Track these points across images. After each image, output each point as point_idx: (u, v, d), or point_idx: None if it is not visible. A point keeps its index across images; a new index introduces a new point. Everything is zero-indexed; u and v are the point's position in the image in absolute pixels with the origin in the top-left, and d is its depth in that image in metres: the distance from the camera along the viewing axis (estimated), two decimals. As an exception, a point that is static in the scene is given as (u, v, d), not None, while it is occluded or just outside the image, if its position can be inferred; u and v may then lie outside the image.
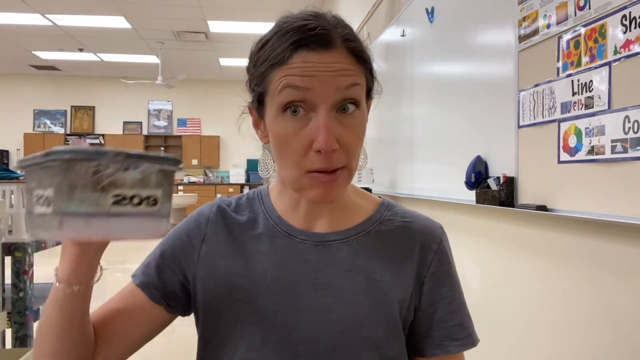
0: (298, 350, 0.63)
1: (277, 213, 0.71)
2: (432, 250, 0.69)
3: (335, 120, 0.59)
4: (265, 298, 0.65)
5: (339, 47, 0.60)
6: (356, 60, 0.61)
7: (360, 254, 0.67)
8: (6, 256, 1.64)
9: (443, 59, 2.17)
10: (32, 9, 6.33)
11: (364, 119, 0.64)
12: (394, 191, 2.82)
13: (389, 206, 0.73)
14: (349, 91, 0.59)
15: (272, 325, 0.64)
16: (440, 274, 0.69)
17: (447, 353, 0.68)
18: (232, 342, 0.66)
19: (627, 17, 1.05)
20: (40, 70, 10.10)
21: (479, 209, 1.83)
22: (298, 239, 0.68)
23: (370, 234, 0.69)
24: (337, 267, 0.66)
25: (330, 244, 0.68)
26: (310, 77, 0.58)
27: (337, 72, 0.58)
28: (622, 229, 1.13)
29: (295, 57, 0.58)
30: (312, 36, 0.58)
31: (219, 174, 11.11)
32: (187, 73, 8.96)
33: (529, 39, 1.43)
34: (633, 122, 1.03)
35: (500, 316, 1.69)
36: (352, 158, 0.61)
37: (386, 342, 0.66)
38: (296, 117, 0.59)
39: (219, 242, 0.70)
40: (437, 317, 0.68)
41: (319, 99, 0.58)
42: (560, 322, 1.35)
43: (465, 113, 1.91)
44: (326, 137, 0.57)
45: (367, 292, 0.66)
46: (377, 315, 0.65)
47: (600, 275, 1.20)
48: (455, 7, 2.02)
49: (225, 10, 6.43)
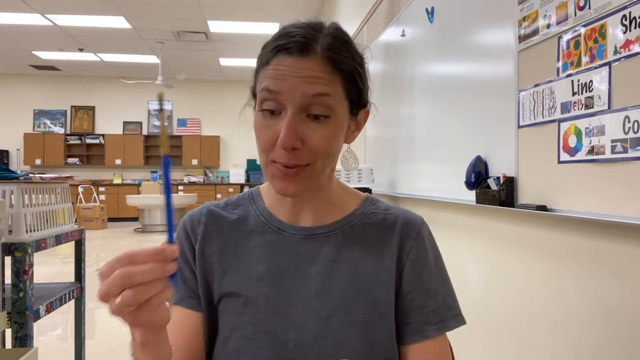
0: (288, 337, 0.67)
1: (267, 210, 0.75)
2: (412, 238, 0.73)
3: (303, 123, 0.63)
4: (257, 289, 0.69)
5: (316, 55, 0.63)
6: (331, 70, 0.64)
7: (345, 245, 0.72)
8: (6, 256, 1.63)
9: (443, 59, 2.17)
10: (32, 9, 6.33)
11: (339, 126, 0.66)
12: (394, 191, 2.82)
13: (372, 201, 0.78)
14: (316, 99, 0.62)
15: (263, 314, 0.68)
16: (418, 262, 0.72)
17: (425, 338, 0.70)
18: (225, 334, 0.70)
19: (627, 17, 1.05)
20: (40, 70, 10.10)
21: (479, 209, 1.83)
22: (288, 233, 0.72)
23: (354, 226, 0.74)
24: (324, 258, 0.70)
25: (318, 237, 0.72)
26: (281, 81, 0.62)
27: (306, 78, 0.62)
28: (622, 229, 1.13)
29: (275, 59, 0.64)
30: (292, 42, 0.63)
31: (219, 174, 11.11)
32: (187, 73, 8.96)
33: (529, 39, 1.43)
34: (633, 122, 1.03)
35: (500, 316, 1.69)
36: (319, 158, 0.65)
37: (371, 327, 0.69)
38: (271, 115, 0.64)
39: (211, 240, 0.74)
40: (416, 303, 0.71)
41: (287, 101, 0.62)
42: (561, 321, 1.35)
43: (465, 113, 1.91)
44: (286, 136, 0.61)
45: (352, 280, 0.70)
46: (362, 302, 0.69)
47: (600, 275, 1.20)
48: (455, 7, 2.02)
49: (225, 10, 6.43)
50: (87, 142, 10.62)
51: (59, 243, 1.94)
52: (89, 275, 2.25)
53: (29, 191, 1.79)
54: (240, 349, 0.67)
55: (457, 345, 0.80)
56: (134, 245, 7.15)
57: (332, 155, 0.67)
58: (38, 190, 1.86)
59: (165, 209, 0.51)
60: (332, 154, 0.67)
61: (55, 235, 1.92)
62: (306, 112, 0.63)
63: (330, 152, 0.66)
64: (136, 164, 10.76)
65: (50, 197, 1.97)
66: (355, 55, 0.68)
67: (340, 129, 0.67)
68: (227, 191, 10.50)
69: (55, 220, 1.98)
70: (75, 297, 2.10)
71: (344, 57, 0.65)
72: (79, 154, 10.61)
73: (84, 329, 2.19)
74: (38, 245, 1.76)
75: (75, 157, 10.58)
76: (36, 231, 1.80)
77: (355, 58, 0.67)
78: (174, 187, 10.45)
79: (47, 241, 1.84)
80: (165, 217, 0.51)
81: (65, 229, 2.04)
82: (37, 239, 1.77)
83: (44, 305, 1.78)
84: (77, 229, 2.15)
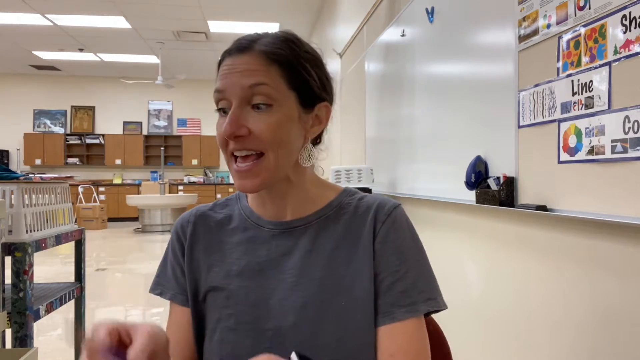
0: (267, 327, 0.70)
1: (250, 208, 0.79)
2: (381, 221, 0.74)
3: (247, 114, 0.67)
4: (238, 282, 0.73)
5: (253, 51, 0.69)
6: (268, 62, 0.68)
7: (320, 235, 0.74)
8: (6, 256, 1.63)
9: (443, 59, 2.17)
10: (32, 9, 6.33)
11: (284, 114, 0.69)
12: (394, 191, 2.82)
13: (350, 192, 0.80)
14: (254, 89, 0.67)
15: (243, 306, 0.72)
16: (388, 243, 0.72)
17: (393, 320, 0.70)
18: (211, 327, 0.74)
19: (627, 17, 1.05)
20: (40, 70, 10.10)
21: (479, 209, 1.83)
22: (267, 228, 0.76)
23: (330, 217, 0.76)
24: (300, 249, 0.73)
25: (295, 229, 0.75)
26: (224, 80, 0.68)
27: (242, 72, 0.67)
28: (622, 229, 1.13)
29: (222, 64, 0.70)
30: (234, 45, 0.70)
31: (219, 174, 11.11)
32: (187, 73, 8.96)
33: (529, 39, 1.43)
34: (633, 122, 1.03)
35: (500, 315, 1.69)
36: (268, 147, 0.68)
37: (347, 314, 0.70)
38: (224, 115, 0.69)
39: (199, 239, 0.79)
40: (384, 285, 0.71)
41: (231, 96, 0.68)
42: (560, 321, 1.35)
43: (465, 113, 1.91)
44: (227, 124, 0.66)
45: (328, 269, 0.72)
46: (338, 289, 0.71)
47: (600, 275, 1.20)
48: (455, 7, 2.02)
49: (225, 10, 6.43)
50: (87, 142, 10.62)
51: (59, 243, 1.94)
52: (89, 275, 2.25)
53: (29, 191, 1.79)
54: (225, 340, 0.71)
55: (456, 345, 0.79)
56: (134, 245, 7.15)
57: (283, 145, 0.69)
58: (38, 190, 1.86)
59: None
60: (283, 143, 0.69)
61: (55, 235, 1.92)
62: (250, 104, 0.68)
63: (279, 141, 0.68)
64: (136, 164, 10.76)
65: (50, 197, 1.97)
66: (299, 50, 0.71)
67: (288, 120, 0.69)
68: (227, 191, 10.49)
69: (55, 220, 1.98)
70: (75, 297, 2.10)
71: (280, 49, 0.69)
72: (79, 154, 10.61)
73: (84, 329, 2.19)
74: (38, 245, 1.76)
75: (75, 157, 10.58)
76: (36, 231, 1.80)
77: (297, 52, 0.71)
78: (175, 187, 10.46)
79: (47, 241, 1.84)
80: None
81: (65, 229, 2.04)
82: (37, 239, 1.77)
83: (44, 305, 1.78)
84: (77, 229, 2.15)
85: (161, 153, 9.37)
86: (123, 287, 4.56)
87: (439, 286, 0.74)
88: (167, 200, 8.75)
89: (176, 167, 10.96)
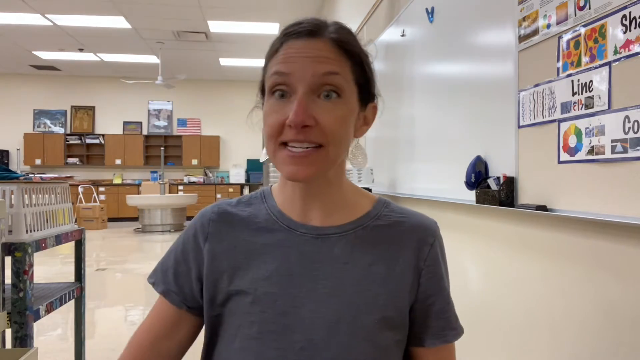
0: (295, 338, 0.65)
1: (278, 208, 0.74)
2: (429, 243, 0.72)
3: (314, 103, 0.63)
4: (265, 288, 0.68)
5: (324, 38, 0.65)
6: (340, 52, 0.65)
7: (357, 247, 0.70)
8: (6, 256, 1.63)
9: (443, 59, 2.17)
10: (32, 9, 6.33)
11: (350, 109, 0.67)
12: (394, 191, 2.82)
13: (385, 203, 0.77)
14: (326, 78, 0.63)
15: (270, 314, 0.67)
16: (437, 267, 0.72)
17: (445, 342, 0.72)
18: (231, 332, 0.69)
19: (627, 17, 1.05)
20: (40, 70, 10.10)
21: (479, 209, 1.83)
22: (298, 232, 0.71)
23: (367, 228, 0.72)
24: (334, 260, 0.69)
25: (329, 237, 0.70)
26: (291, 63, 0.63)
27: (315, 58, 0.63)
28: (622, 229, 1.13)
29: (284, 45, 0.65)
30: (301, 28, 0.65)
31: (219, 174, 11.10)
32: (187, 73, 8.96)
33: (529, 39, 1.43)
34: (633, 122, 1.03)
35: (500, 316, 1.69)
36: (331, 139, 0.64)
37: (380, 332, 0.68)
38: (281, 100, 0.64)
39: (222, 238, 0.73)
40: (436, 308, 0.71)
41: (298, 82, 0.63)
42: (560, 322, 1.35)
43: (465, 113, 1.91)
44: (296, 111, 0.61)
45: (363, 284, 0.68)
46: (372, 306, 0.68)
47: (600, 275, 1.20)
48: (455, 7, 2.02)
49: (225, 10, 6.43)
50: (87, 142, 10.61)
51: (59, 243, 1.94)
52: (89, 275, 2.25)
53: (29, 191, 1.79)
54: (246, 348, 0.66)
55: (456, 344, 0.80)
56: (134, 245, 7.15)
57: (343, 141, 0.66)
58: (38, 190, 1.86)
59: None
60: (343, 139, 0.66)
61: (55, 235, 1.92)
62: (317, 93, 0.63)
63: (341, 136, 0.65)
64: (136, 164, 10.76)
65: (50, 197, 1.97)
66: (361, 45, 0.69)
67: (351, 114, 0.67)
68: (227, 191, 10.49)
69: (55, 220, 1.98)
70: (75, 297, 2.10)
71: (351, 41, 0.67)
72: (79, 154, 10.60)
73: (84, 329, 2.19)
74: (38, 245, 1.76)
75: (75, 157, 10.57)
76: (36, 231, 1.80)
77: (360, 47, 0.69)
78: (175, 187, 10.45)
79: (47, 241, 1.84)
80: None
81: (65, 229, 2.04)
82: (37, 239, 1.77)
83: (44, 305, 1.78)
84: (77, 229, 2.15)
85: (161, 153, 9.37)
86: (123, 287, 4.56)
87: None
88: (167, 200, 8.75)
89: (176, 167, 10.96)
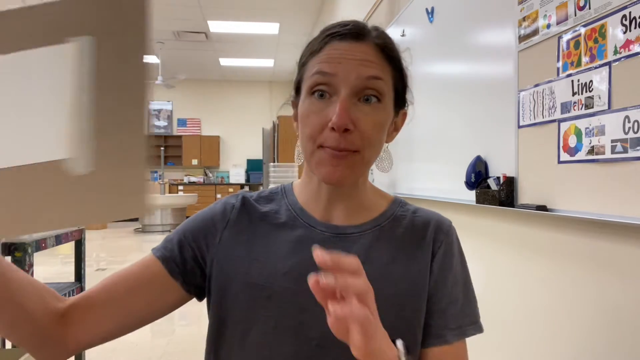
0: (311, 335, 0.65)
1: (299, 205, 0.74)
2: (439, 241, 0.72)
3: (355, 106, 0.63)
4: (282, 283, 0.67)
5: (368, 42, 0.65)
6: (383, 57, 0.66)
7: (374, 247, 0.71)
8: (6, 256, 1.63)
9: (443, 59, 2.17)
10: (32, 9, 6.33)
11: (387, 115, 0.67)
12: (394, 191, 2.82)
13: (401, 203, 0.77)
14: (370, 82, 0.63)
15: (287, 309, 0.66)
16: (444, 265, 0.72)
17: (444, 343, 0.70)
18: (245, 325, 0.68)
19: (627, 17, 1.05)
20: (40, 70, 10.09)
21: (479, 209, 1.83)
22: (318, 230, 0.71)
23: (384, 228, 0.73)
24: None
25: (348, 236, 0.71)
26: (336, 64, 0.63)
27: (360, 61, 0.63)
28: (622, 229, 1.13)
29: (328, 46, 0.65)
30: (346, 30, 0.65)
31: (219, 174, 11.11)
32: (187, 73, 8.96)
33: (529, 39, 1.43)
34: (633, 122, 1.03)
35: (500, 316, 1.69)
36: (367, 145, 0.64)
37: (396, 331, 0.67)
38: (321, 100, 0.64)
39: (242, 228, 0.73)
40: (438, 306, 0.71)
41: (341, 83, 0.63)
42: (560, 322, 1.35)
43: (465, 113, 1.91)
44: (340, 114, 0.61)
45: (380, 282, 0.67)
46: (388, 305, 0.67)
47: (601, 275, 1.20)
48: (455, 7, 2.02)
49: (225, 10, 6.43)
50: (87, 142, 10.62)
51: (59, 243, 1.94)
52: (89, 275, 2.25)
53: (29, 191, 1.79)
54: (262, 343, 0.66)
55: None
56: (134, 245, 7.15)
57: (377, 146, 0.67)
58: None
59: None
60: (378, 145, 0.67)
61: (55, 235, 1.92)
62: (358, 96, 0.64)
63: (377, 142, 0.66)
64: (136, 164, 10.75)
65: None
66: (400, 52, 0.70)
67: (387, 119, 0.68)
68: (227, 191, 10.49)
69: (55, 220, 1.98)
70: (75, 297, 2.10)
71: (393, 47, 0.68)
72: (79, 154, 10.60)
73: (84, 329, 2.18)
74: (38, 245, 1.76)
75: (75, 157, 10.58)
76: (36, 231, 1.80)
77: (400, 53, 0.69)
78: (175, 187, 10.45)
79: (47, 241, 1.84)
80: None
81: (65, 229, 2.04)
82: (37, 239, 1.77)
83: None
84: (77, 229, 2.15)
85: (161, 153, 9.37)
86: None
87: (478, 308, 0.75)
88: (167, 200, 8.76)
89: (176, 167, 10.96)
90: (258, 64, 9.38)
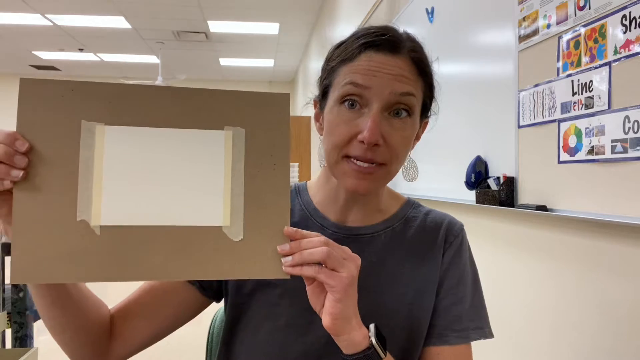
0: (321, 333, 0.65)
1: (313, 205, 0.74)
2: (449, 242, 0.73)
3: (385, 120, 0.63)
4: (294, 282, 0.69)
5: (404, 55, 0.64)
6: (418, 72, 0.65)
7: (386, 248, 0.71)
8: (6, 256, 1.63)
9: (443, 59, 2.17)
10: (32, 9, 6.33)
11: (414, 128, 0.67)
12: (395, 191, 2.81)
13: (414, 205, 0.78)
14: (402, 97, 0.63)
15: (298, 308, 0.67)
16: (452, 265, 0.72)
17: (445, 343, 0.70)
18: (256, 323, 0.69)
19: (627, 17, 1.05)
20: (40, 70, 10.10)
21: (479, 209, 1.83)
22: (330, 231, 0.72)
23: (396, 230, 0.73)
24: (364, 259, 0.69)
25: (360, 238, 0.72)
26: (370, 77, 0.62)
27: (396, 76, 0.63)
28: (622, 229, 1.13)
29: (363, 55, 0.64)
30: (382, 40, 0.64)
31: (219, 174, 11.10)
32: (187, 73, 8.96)
33: (529, 39, 1.43)
34: (633, 122, 1.03)
35: (500, 316, 1.69)
36: (394, 159, 0.64)
37: (403, 332, 0.68)
38: (351, 110, 0.64)
39: None
40: (442, 306, 0.71)
41: (374, 97, 0.62)
42: (560, 322, 1.35)
43: (465, 113, 1.91)
44: (372, 129, 0.61)
45: (391, 284, 0.69)
46: (398, 305, 0.68)
47: (601, 275, 1.20)
48: (455, 7, 2.02)
49: (225, 10, 6.43)
50: (87, 142, 10.62)
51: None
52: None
53: (29, 191, 1.79)
54: (271, 340, 0.68)
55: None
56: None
57: (403, 159, 0.68)
58: (38, 190, 1.86)
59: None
60: (403, 158, 0.67)
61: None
62: (388, 110, 0.63)
63: (404, 155, 0.66)
64: (136, 164, 10.76)
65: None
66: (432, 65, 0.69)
67: (413, 134, 0.68)
68: (227, 191, 10.49)
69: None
70: (75, 297, 2.10)
71: (426, 60, 0.67)
72: (79, 154, 10.60)
73: (84, 329, 2.18)
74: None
75: (75, 157, 10.58)
76: (36, 231, 1.80)
77: (431, 66, 0.69)
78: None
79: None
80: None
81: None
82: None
83: (44, 305, 1.78)
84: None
85: (161, 153, 9.37)
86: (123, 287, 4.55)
87: (488, 316, 0.75)
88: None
89: (176, 167, 10.95)
90: (258, 64, 9.38)
